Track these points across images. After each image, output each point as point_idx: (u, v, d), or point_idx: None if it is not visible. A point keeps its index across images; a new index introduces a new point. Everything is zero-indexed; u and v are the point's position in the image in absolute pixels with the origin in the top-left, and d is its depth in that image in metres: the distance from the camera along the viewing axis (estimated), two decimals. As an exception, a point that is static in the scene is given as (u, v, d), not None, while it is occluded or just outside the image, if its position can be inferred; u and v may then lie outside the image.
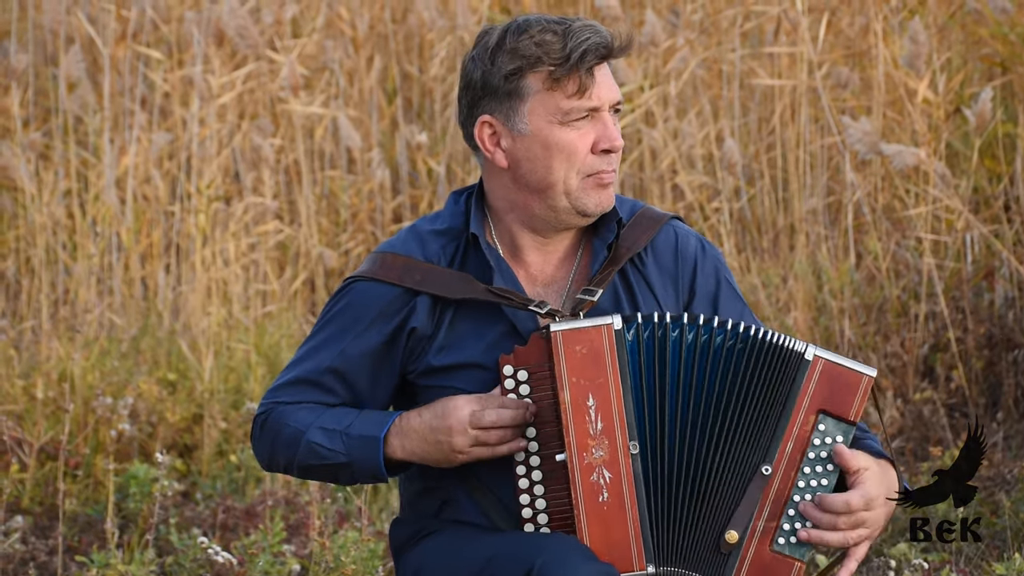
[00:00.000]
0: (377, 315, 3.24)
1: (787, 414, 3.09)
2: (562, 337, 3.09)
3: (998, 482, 5.65)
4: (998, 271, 6.58)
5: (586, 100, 3.16)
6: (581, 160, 3.18)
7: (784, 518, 3.09)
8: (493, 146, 3.22)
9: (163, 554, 5.42)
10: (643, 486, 3.09)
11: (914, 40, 6.79)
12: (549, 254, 3.28)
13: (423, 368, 3.24)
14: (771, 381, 3.11)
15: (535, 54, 3.15)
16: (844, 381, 3.11)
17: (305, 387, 3.28)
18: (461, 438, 3.13)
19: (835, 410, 3.11)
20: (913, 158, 6.57)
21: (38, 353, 6.58)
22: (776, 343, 3.11)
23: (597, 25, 3.18)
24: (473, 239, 3.25)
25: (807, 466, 3.10)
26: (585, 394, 3.09)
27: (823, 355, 3.11)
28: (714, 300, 3.30)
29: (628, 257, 3.25)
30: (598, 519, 3.08)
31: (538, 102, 3.17)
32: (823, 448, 3.10)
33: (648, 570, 3.08)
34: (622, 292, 3.25)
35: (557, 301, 3.25)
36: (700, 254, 3.31)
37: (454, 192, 3.33)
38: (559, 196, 3.19)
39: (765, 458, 3.09)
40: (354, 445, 3.20)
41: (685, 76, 7.47)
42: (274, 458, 3.28)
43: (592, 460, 3.08)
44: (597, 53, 3.15)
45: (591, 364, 3.09)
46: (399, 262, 3.25)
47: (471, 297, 3.20)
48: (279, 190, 7.91)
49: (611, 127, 3.19)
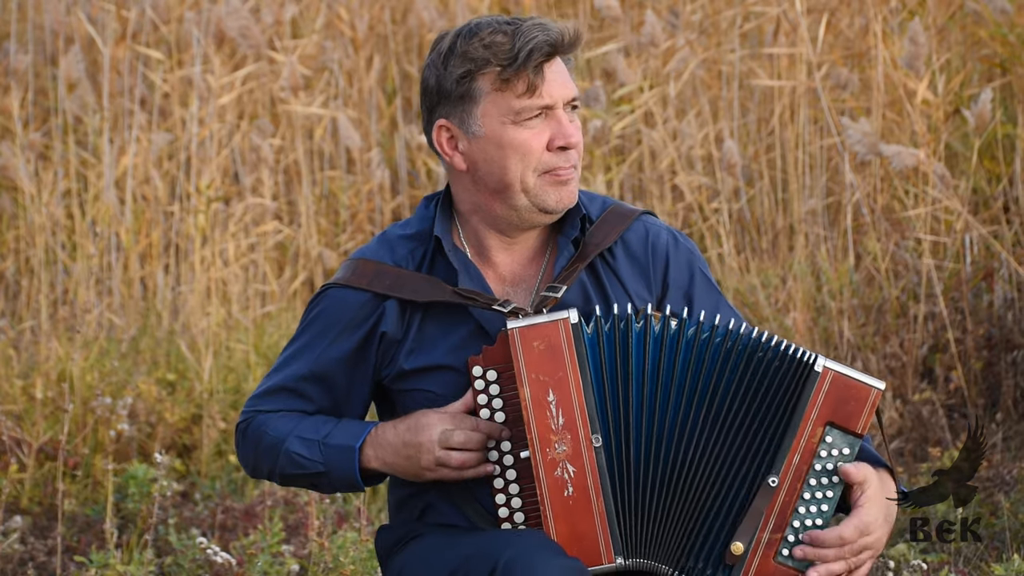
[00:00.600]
0: (349, 321, 3.26)
1: (794, 425, 3.08)
2: (519, 334, 3.10)
3: (997, 483, 5.65)
4: (997, 272, 6.58)
5: (537, 98, 3.17)
6: (537, 158, 3.19)
7: (788, 530, 3.09)
8: (451, 150, 3.24)
9: (162, 554, 5.42)
10: (608, 478, 3.09)
11: (913, 41, 6.79)
12: (516, 254, 3.29)
13: (395, 372, 3.25)
14: (775, 388, 3.10)
15: (483, 56, 3.17)
16: (853, 394, 3.09)
17: (284, 395, 3.30)
18: (429, 456, 3.16)
19: (843, 422, 3.09)
20: (912, 159, 6.57)
21: (37, 353, 6.58)
22: (782, 350, 3.11)
23: (547, 22, 3.18)
24: (437, 243, 3.26)
25: (813, 478, 3.09)
26: (545, 390, 3.09)
27: (832, 367, 3.09)
28: (688, 292, 3.29)
29: (596, 253, 3.26)
30: (564, 513, 3.08)
31: (490, 103, 3.18)
32: (829, 460, 3.09)
33: (617, 562, 3.09)
34: (593, 288, 3.26)
35: (526, 300, 3.26)
36: (672, 247, 3.31)
37: (425, 197, 3.35)
38: (518, 195, 3.20)
39: (771, 469, 3.09)
40: (331, 455, 3.22)
41: (685, 76, 7.47)
42: (257, 466, 3.32)
43: (555, 455, 3.09)
44: (543, 51, 3.16)
45: (549, 359, 3.10)
46: (370, 268, 3.27)
47: (437, 300, 3.21)
48: (278, 190, 7.91)
49: (566, 124, 3.19)
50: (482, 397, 3.15)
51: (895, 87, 7.13)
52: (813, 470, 3.08)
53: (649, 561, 3.11)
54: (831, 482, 3.09)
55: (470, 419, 3.15)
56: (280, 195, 7.90)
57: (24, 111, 7.96)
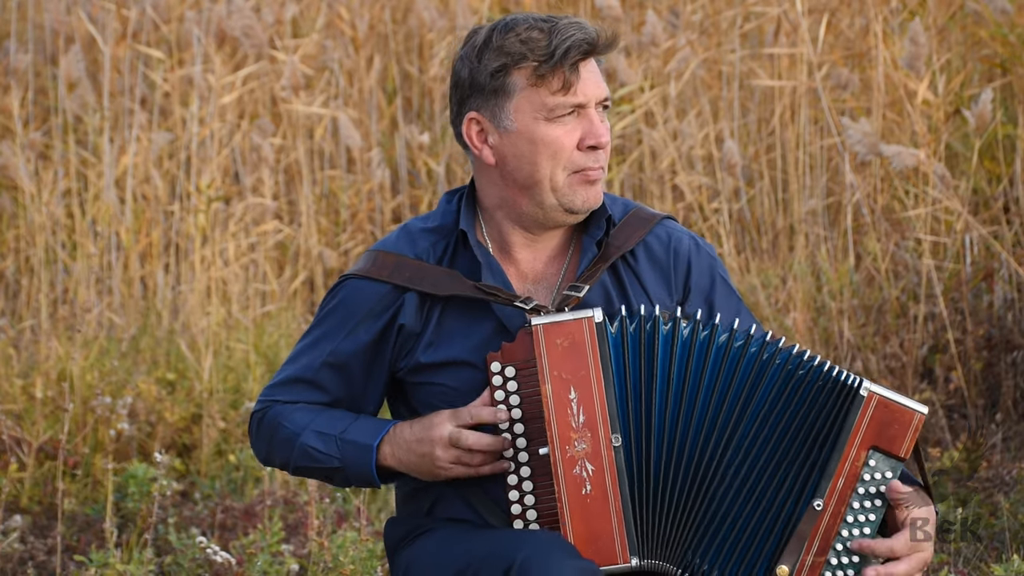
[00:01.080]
0: (367, 312, 3.26)
1: (839, 449, 3.08)
2: (543, 331, 3.10)
3: (997, 483, 5.65)
4: (997, 272, 6.58)
5: (571, 96, 3.18)
6: (567, 157, 3.19)
7: (832, 553, 3.10)
8: (481, 143, 3.23)
9: (162, 554, 5.42)
10: (626, 479, 3.09)
11: (914, 41, 6.79)
12: (539, 251, 3.29)
13: (412, 365, 3.25)
14: (816, 409, 3.10)
15: (520, 51, 3.16)
16: (897, 418, 3.10)
17: (300, 386, 3.30)
18: (443, 454, 3.15)
19: (887, 447, 3.10)
20: (912, 159, 6.57)
21: (37, 352, 6.58)
22: (826, 371, 3.11)
23: (583, 22, 3.19)
24: (462, 236, 3.26)
25: (856, 501, 3.09)
26: (567, 387, 3.09)
27: (877, 391, 3.09)
28: (708, 298, 3.30)
29: (619, 255, 3.26)
30: (581, 512, 3.08)
31: (524, 99, 3.18)
32: (872, 484, 3.10)
33: (632, 562, 3.09)
34: (614, 290, 3.26)
35: (547, 298, 3.26)
36: (694, 252, 3.32)
37: (447, 192, 3.35)
38: (546, 193, 3.20)
39: (816, 492, 3.09)
40: (347, 451, 3.22)
41: (686, 77, 7.47)
42: (271, 456, 3.32)
43: (575, 453, 3.09)
44: (581, 49, 3.16)
45: (572, 357, 3.10)
46: (390, 260, 3.27)
47: (458, 294, 3.21)
48: (279, 190, 7.91)
49: (597, 123, 3.20)
50: (499, 394, 3.14)
51: (895, 87, 7.13)
52: (856, 493, 3.09)
53: (664, 563, 3.11)
54: (874, 505, 3.10)
55: (467, 410, 3.15)
56: (280, 195, 7.90)
57: (24, 110, 7.97)
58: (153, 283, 7.46)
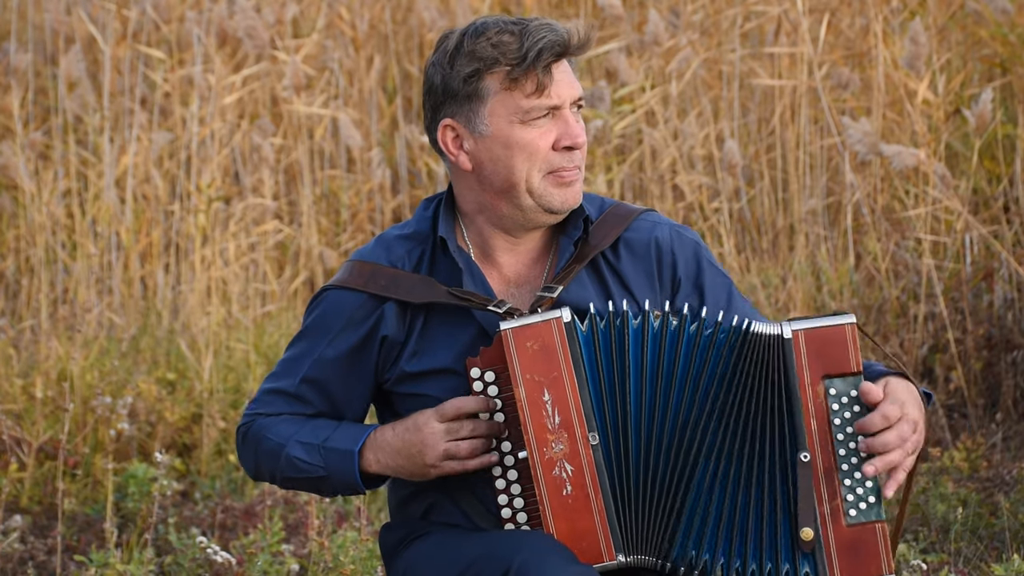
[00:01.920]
0: (347, 321, 3.26)
1: (796, 395, 3.08)
2: (512, 335, 3.09)
3: (997, 483, 5.65)
4: (997, 272, 6.58)
5: (545, 98, 3.17)
6: (543, 158, 3.19)
7: (844, 489, 3.07)
8: (456, 149, 3.23)
9: (162, 554, 5.42)
10: (607, 476, 3.09)
11: (914, 41, 6.79)
12: (521, 254, 3.28)
13: (397, 375, 3.25)
14: (762, 372, 3.10)
15: (492, 55, 3.16)
16: (830, 339, 3.08)
17: (283, 399, 3.30)
18: (433, 452, 3.15)
19: (837, 370, 3.08)
20: (913, 159, 6.57)
21: (37, 352, 6.58)
22: (754, 332, 3.09)
23: (554, 24, 3.18)
24: (442, 243, 3.26)
25: (839, 433, 3.07)
26: (540, 389, 3.09)
27: (800, 326, 3.08)
28: (698, 282, 3.29)
29: (595, 253, 3.25)
30: (564, 512, 3.08)
31: (498, 103, 3.18)
32: (844, 409, 3.08)
33: (619, 559, 3.08)
34: (596, 289, 3.25)
35: (530, 301, 3.25)
36: (677, 241, 3.30)
37: (425, 199, 3.34)
38: (523, 195, 3.20)
39: (796, 446, 3.08)
40: (331, 459, 3.22)
41: (688, 76, 7.47)
42: (259, 470, 3.33)
43: (553, 454, 3.08)
44: (553, 51, 3.16)
45: (543, 359, 3.09)
46: (367, 269, 3.27)
47: (431, 300, 3.21)
48: (279, 190, 7.91)
49: (572, 124, 3.19)
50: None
51: (896, 87, 7.13)
52: (834, 425, 3.08)
53: (651, 558, 3.11)
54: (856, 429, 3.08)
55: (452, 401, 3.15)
56: (281, 195, 7.90)
57: (24, 110, 7.97)
58: (153, 283, 7.46)
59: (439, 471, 3.17)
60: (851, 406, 3.08)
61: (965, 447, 5.85)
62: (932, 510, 5.31)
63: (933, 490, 5.41)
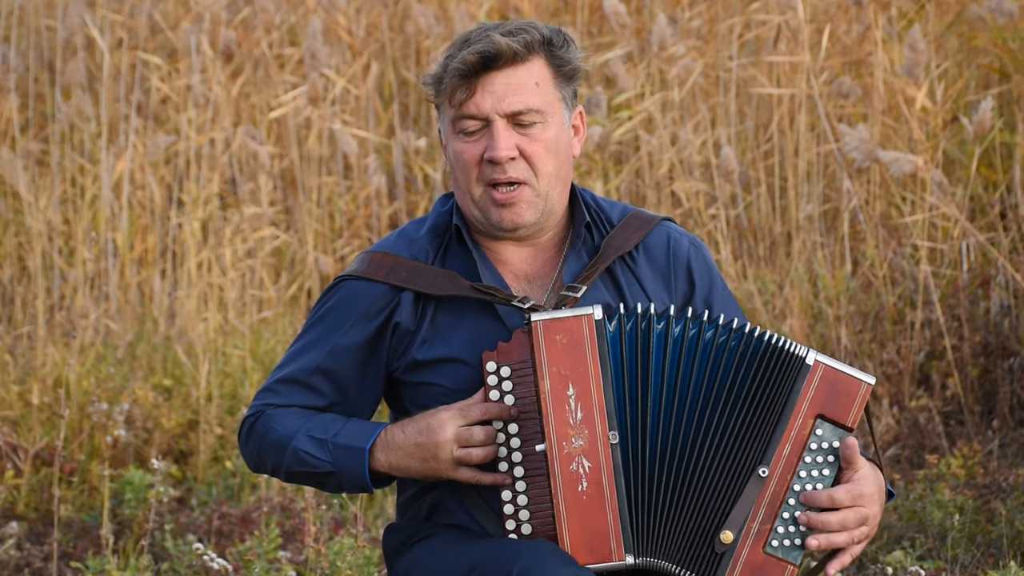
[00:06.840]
0: (364, 313, 3.27)
1: (786, 417, 3.10)
2: (543, 327, 3.10)
3: (994, 490, 5.65)
4: (994, 279, 6.58)
5: (466, 109, 3.20)
6: (477, 171, 3.22)
7: (779, 520, 3.10)
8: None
9: (158, 560, 5.42)
10: (623, 476, 3.09)
11: (913, 48, 6.80)
12: (528, 252, 3.30)
13: (407, 363, 3.25)
14: (770, 382, 3.12)
15: (442, 64, 3.22)
16: (843, 387, 3.11)
17: (294, 388, 3.29)
18: (446, 456, 3.15)
19: (833, 415, 3.11)
20: (910, 166, 6.57)
21: (34, 359, 6.58)
22: (777, 345, 3.12)
23: (493, 35, 3.19)
24: (457, 232, 3.28)
25: (803, 470, 3.10)
26: (565, 384, 3.10)
27: (823, 360, 3.11)
28: (708, 299, 3.32)
29: (616, 256, 3.28)
30: (577, 509, 3.08)
31: (444, 113, 3.25)
32: (819, 453, 3.11)
33: (627, 560, 3.09)
34: (611, 291, 3.27)
35: (540, 298, 3.27)
36: (693, 253, 3.34)
37: (442, 195, 3.38)
38: (471, 206, 3.25)
39: (762, 460, 3.10)
40: (340, 455, 3.22)
41: (689, 84, 7.47)
42: (262, 461, 3.31)
43: (571, 450, 3.09)
44: (472, 63, 3.17)
45: (571, 354, 3.10)
46: (387, 260, 3.29)
47: (455, 294, 3.23)
48: (275, 196, 7.91)
49: (496, 137, 3.20)
50: (494, 393, 3.15)
51: (894, 94, 7.13)
52: (803, 462, 3.10)
53: (658, 560, 3.11)
54: (821, 474, 3.11)
55: (478, 406, 3.15)
56: (277, 201, 7.90)
57: (22, 117, 7.96)
58: (150, 289, 7.45)
59: (451, 475, 3.17)
60: (827, 454, 3.11)
61: (962, 454, 5.85)
62: (929, 517, 5.31)
63: (930, 497, 5.41)
